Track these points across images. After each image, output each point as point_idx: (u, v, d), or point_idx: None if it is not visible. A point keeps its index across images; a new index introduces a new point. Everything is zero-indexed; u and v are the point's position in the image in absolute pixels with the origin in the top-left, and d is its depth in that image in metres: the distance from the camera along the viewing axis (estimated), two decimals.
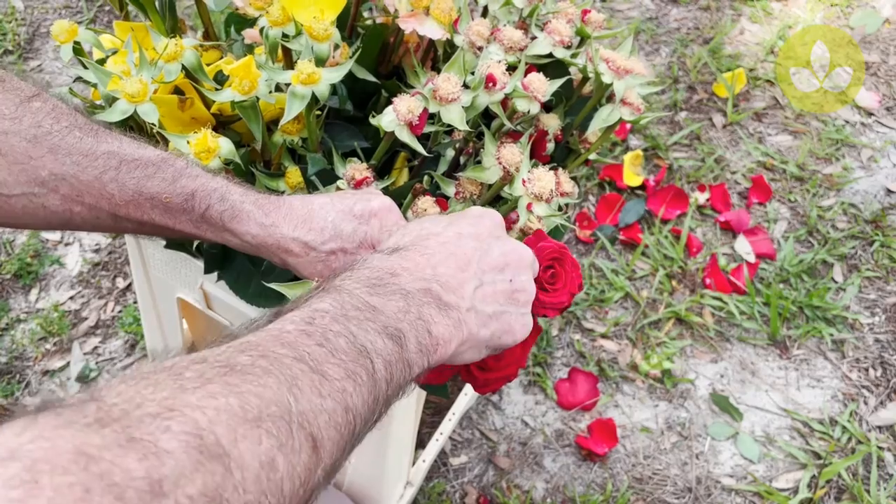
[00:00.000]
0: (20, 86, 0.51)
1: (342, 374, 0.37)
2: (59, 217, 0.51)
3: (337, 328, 0.39)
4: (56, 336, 1.26)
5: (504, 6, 0.69)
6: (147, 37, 0.66)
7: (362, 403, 0.38)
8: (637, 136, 1.60)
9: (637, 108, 0.66)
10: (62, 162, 0.50)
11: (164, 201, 0.51)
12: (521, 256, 0.50)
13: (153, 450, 0.27)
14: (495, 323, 0.48)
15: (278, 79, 0.61)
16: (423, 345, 0.43)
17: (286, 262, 0.54)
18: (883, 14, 1.86)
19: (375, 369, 0.39)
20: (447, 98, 0.58)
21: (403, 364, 0.41)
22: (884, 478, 1.20)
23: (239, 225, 0.52)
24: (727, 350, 1.32)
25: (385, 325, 0.41)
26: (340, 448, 0.36)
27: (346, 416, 0.36)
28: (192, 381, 0.32)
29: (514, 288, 0.49)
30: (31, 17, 1.71)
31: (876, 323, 1.37)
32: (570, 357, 1.30)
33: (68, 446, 0.26)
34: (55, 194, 0.50)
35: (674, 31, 1.81)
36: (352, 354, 0.38)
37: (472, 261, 0.47)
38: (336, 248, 0.53)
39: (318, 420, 0.34)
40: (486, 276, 0.48)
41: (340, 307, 0.41)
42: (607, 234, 1.44)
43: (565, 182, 0.64)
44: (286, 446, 0.32)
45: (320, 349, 0.37)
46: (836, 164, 1.58)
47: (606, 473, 1.18)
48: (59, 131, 0.50)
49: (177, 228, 0.53)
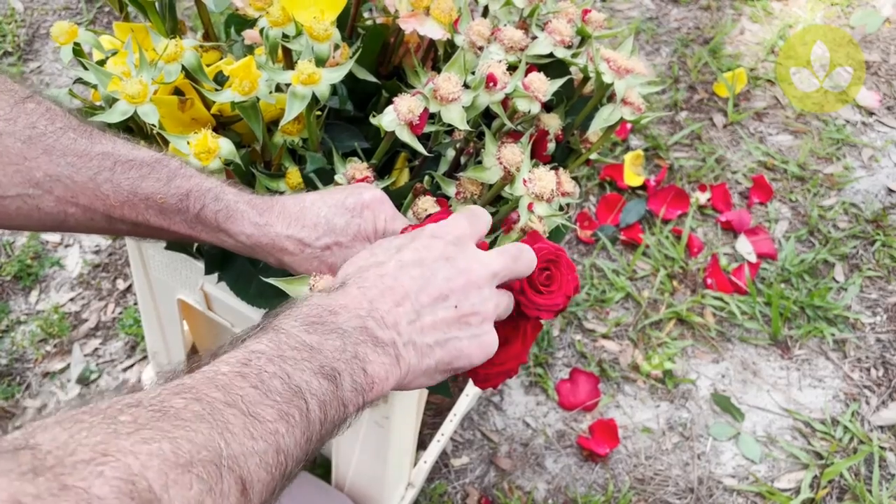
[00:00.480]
0: (14, 87, 0.51)
1: (275, 415, 0.37)
2: (54, 218, 0.51)
3: (272, 369, 0.39)
4: (56, 338, 1.26)
5: (504, 6, 0.69)
6: (147, 38, 0.66)
7: (294, 444, 0.38)
8: (638, 136, 1.60)
9: (638, 108, 0.66)
10: (57, 163, 0.50)
11: (159, 202, 0.51)
12: (468, 280, 0.48)
13: (86, 497, 0.28)
14: (440, 351, 0.47)
15: (278, 79, 0.61)
16: (357, 384, 0.42)
17: (282, 262, 0.54)
18: (883, 13, 1.86)
19: (310, 409, 0.39)
20: (448, 98, 0.58)
21: (339, 403, 0.41)
22: (886, 478, 1.19)
23: (233, 225, 0.52)
24: (728, 350, 1.32)
25: (322, 364, 0.41)
26: (270, 489, 0.37)
27: (278, 457, 0.37)
28: (125, 426, 0.32)
29: (462, 313, 0.47)
30: (30, 19, 1.71)
31: (877, 323, 1.37)
32: (572, 357, 1.30)
33: (3, 496, 0.27)
34: (50, 195, 0.50)
35: (674, 30, 1.81)
36: (286, 395, 0.38)
37: (409, 294, 0.46)
38: (330, 242, 0.53)
39: (248, 463, 0.35)
40: (425, 309, 0.46)
41: (277, 347, 0.41)
42: (608, 235, 1.44)
43: (566, 182, 0.63)
44: (215, 490, 0.33)
45: (254, 391, 0.38)
46: (836, 163, 1.58)
47: (608, 474, 1.18)
48: (53, 132, 0.50)
49: (172, 229, 0.53)
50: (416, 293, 0.46)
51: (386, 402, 0.80)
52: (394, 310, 0.45)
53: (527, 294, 0.52)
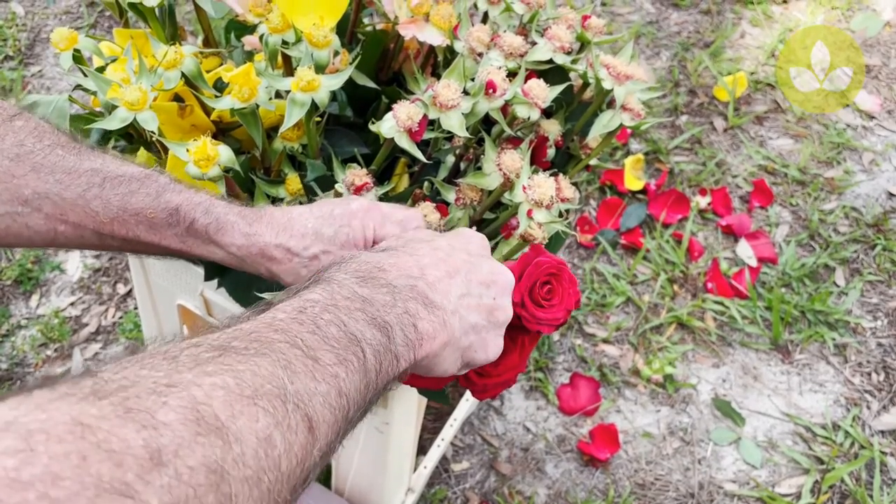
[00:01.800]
0: (2, 105, 0.51)
1: (334, 359, 0.38)
2: (43, 237, 0.51)
3: (328, 317, 0.40)
4: (57, 342, 1.26)
5: (504, 12, 0.69)
6: (147, 44, 0.66)
7: (354, 389, 0.38)
8: (638, 141, 1.60)
9: (637, 114, 0.66)
10: (45, 180, 0.50)
11: (149, 216, 0.51)
12: (506, 279, 0.50)
13: (151, 421, 0.28)
14: (474, 335, 0.48)
15: (278, 86, 0.61)
16: (409, 339, 0.43)
17: (271, 271, 0.54)
18: (884, 17, 1.86)
19: (366, 357, 0.40)
20: (447, 104, 0.58)
21: (391, 355, 0.42)
22: (887, 483, 1.19)
23: (224, 236, 0.52)
24: (729, 355, 1.32)
25: (373, 315, 0.42)
26: (335, 431, 0.37)
27: (340, 399, 0.37)
28: (186, 363, 0.32)
29: (496, 306, 0.49)
30: (31, 23, 1.71)
31: (878, 327, 1.37)
32: (572, 362, 1.30)
33: (65, 417, 0.26)
34: (38, 213, 0.50)
35: (674, 34, 1.81)
36: (343, 342, 0.39)
37: (461, 270, 0.48)
38: (318, 251, 0.53)
39: (313, 401, 0.35)
40: (473, 288, 0.48)
41: (330, 297, 0.41)
42: (608, 239, 1.44)
43: (566, 188, 0.63)
44: (282, 424, 0.33)
45: (312, 336, 0.38)
46: (837, 167, 1.58)
47: (608, 479, 1.18)
48: (41, 150, 0.50)
49: (163, 244, 0.53)
50: (466, 273, 0.48)
51: (386, 408, 0.80)
52: (446, 279, 0.47)
53: (527, 308, 0.52)
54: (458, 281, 0.47)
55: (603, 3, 1.86)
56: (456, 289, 0.47)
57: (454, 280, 0.47)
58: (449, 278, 0.47)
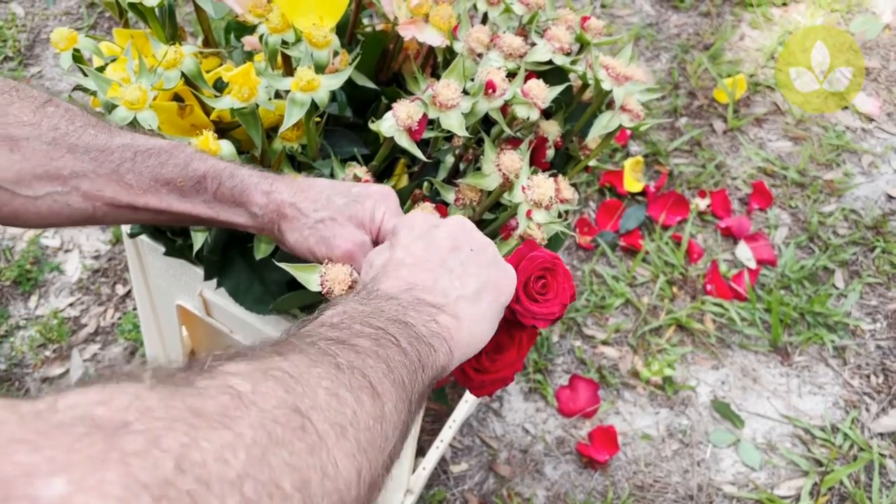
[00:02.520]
0: (33, 93, 0.54)
1: (371, 343, 0.39)
2: (83, 213, 0.54)
3: (348, 321, 0.41)
4: (55, 343, 1.26)
5: (504, 13, 0.69)
6: (147, 44, 0.66)
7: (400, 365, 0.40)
8: (637, 143, 1.60)
9: (637, 115, 0.66)
10: (81, 160, 0.53)
11: (179, 185, 0.54)
12: (461, 226, 0.52)
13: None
14: (485, 293, 0.49)
15: (278, 86, 0.61)
16: (434, 330, 0.45)
17: (281, 229, 0.56)
18: (883, 20, 1.86)
19: (400, 343, 0.41)
20: (447, 104, 0.58)
21: (426, 346, 0.43)
22: (886, 485, 1.19)
23: (248, 197, 0.55)
24: (728, 357, 1.32)
25: (389, 317, 0.43)
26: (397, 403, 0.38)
27: (391, 374, 0.38)
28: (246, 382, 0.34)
29: (476, 252, 0.50)
30: (31, 24, 1.72)
31: (877, 329, 1.37)
32: (571, 364, 1.30)
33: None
34: (77, 192, 0.53)
35: (674, 36, 1.81)
36: (372, 334, 0.40)
37: (429, 259, 0.49)
38: (325, 216, 0.55)
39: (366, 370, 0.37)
40: (449, 262, 0.49)
41: (343, 310, 0.43)
42: (608, 241, 1.44)
43: (565, 189, 0.63)
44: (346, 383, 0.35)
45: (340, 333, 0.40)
46: (836, 169, 1.58)
47: (607, 481, 1.18)
48: (75, 131, 0.53)
49: (194, 213, 0.55)
50: (434, 256, 0.49)
51: None
52: (430, 276, 0.48)
53: (522, 303, 0.52)
54: (437, 270, 0.49)
55: (602, 5, 1.86)
56: (442, 277, 0.48)
57: (435, 272, 0.49)
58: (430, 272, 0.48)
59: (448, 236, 0.50)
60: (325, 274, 0.53)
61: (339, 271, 0.53)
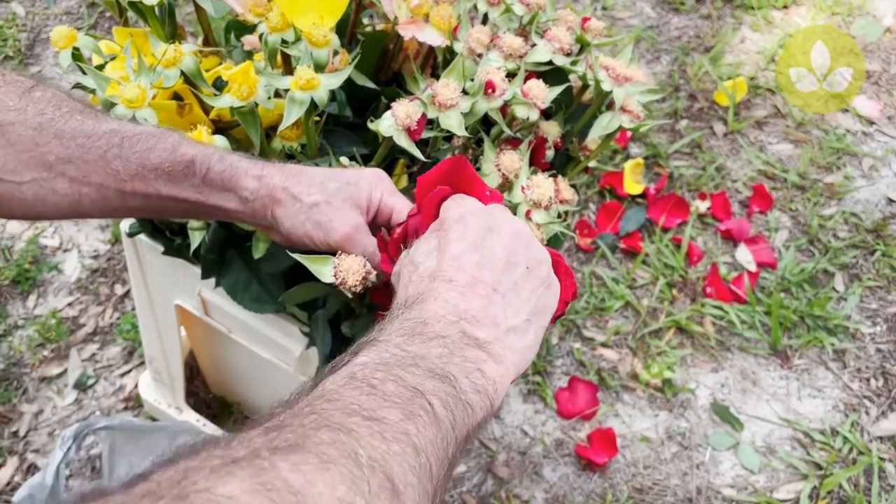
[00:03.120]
0: (19, 79, 0.53)
1: (400, 416, 0.35)
2: (69, 200, 0.53)
3: (381, 375, 0.37)
4: (54, 343, 1.25)
5: (504, 13, 0.69)
6: (146, 43, 0.66)
7: (431, 444, 0.35)
8: (638, 145, 1.60)
9: (637, 116, 0.66)
10: (67, 145, 0.52)
11: (167, 170, 0.53)
12: (518, 235, 0.47)
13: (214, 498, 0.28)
14: (534, 320, 0.46)
15: (277, 84, 0.61)
16: (477, 384, 0.41)
17: (275, 215, 0.55)
18: (884, 23, 1.86)
19: (435, 409, 0.37)
20: (446, 104, 0.58)
21: (463, 406, 0.39)
22: (885, 489, 1.19)
23: (238, 181, 0.54)
24: (728, 359, 1.32)
25: (430, 368, 0.39)
26: (422, 493, 0.34)
27: (419, 457, 0.34)
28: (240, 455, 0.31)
29: (532, 270, 0.47)
30: (31, 23, 1.72)
31: (877, 333, 1.36)
32: (570, 366, 1.29)
33: None
34: (63, 178, 0.52)
35: (674, 39, 1.81)
36: (405, 396, 0.36)
37: (483, 281, 0.45)
38: (320, 200, 0.54)
39: (389, 462, 0.33)
40: (504, 287, 0.45)
41: (379, 356, 0.39)
42: (608, 243, 1.44)
43: (564, 189, 0.63)
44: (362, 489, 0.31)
45: (369, 398, 0.35)
46: (837, 173, 1.58)
47: (606, 483, 1.18)
48: (61, 117, 0.52)
49: (182, 197, 0.54)
50: (489, 276, 0.45)
51: None
52: (482, 304, 0.44)
53: None
54: (491, 296, 0.45)
55: (603, 7, 1.86)
56: (493, 305, 0.44)
57: (488, 299, 0.44)
58: (484, 300, 0.44)
59: (504, 249, 0.46)
60: (339, 265, 0.53)
61: (352, 262, 0.53)
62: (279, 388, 0.95)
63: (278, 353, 0.83)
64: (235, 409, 1.18)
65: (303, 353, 0.79)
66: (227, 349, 1.02)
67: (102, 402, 1.20)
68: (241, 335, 0.86)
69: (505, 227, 0.47)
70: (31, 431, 1.17)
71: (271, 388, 1.01)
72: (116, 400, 1.20)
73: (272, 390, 1.01)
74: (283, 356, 0.83)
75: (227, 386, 1.16)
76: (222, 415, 1.18)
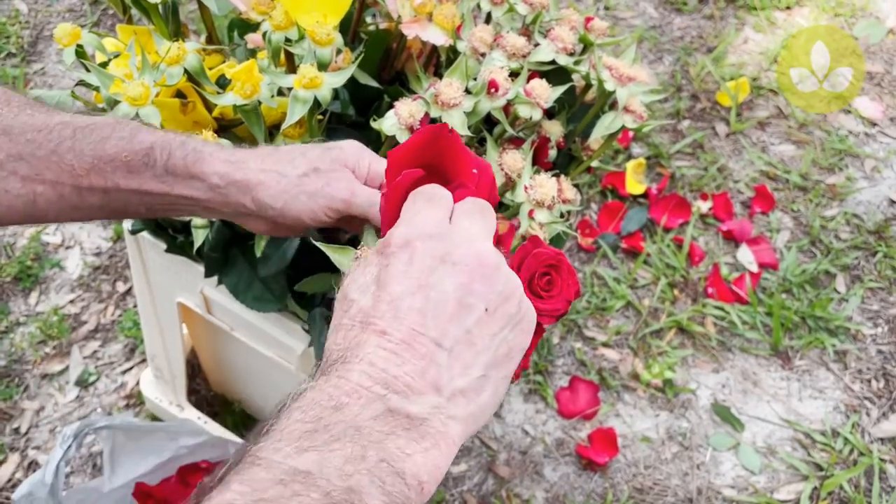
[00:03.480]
0: None
1: None
2: (23, 200, 0.50)
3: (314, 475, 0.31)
4: (55, 340, 1.26)
5: (507, 13, 0.69)
6: (150, 40, 0.66)
7: None
8: (640, 145, 1.60)
9: (640, 116, 0.66)
10: (17, 142, 0.49)
11: (125, 160, 0.50)
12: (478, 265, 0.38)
13: None
14: (493, 371, 0.38)
15: (280, 83, 0.61)
16: (392, 494, 0.32)
17: (256, 199, 0.51)
18: (887, 24, 1.86)
19: None
20: (449, 103, 0.58)
21: None
22: (886, 490, 1.19)
23: (204, 166, 0.51)
24: (729, 360, 1.32)
25: (327, 492, 0.31)
26: None
27: None
28: None
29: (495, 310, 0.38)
30: (34, 21, 1.72)
31: (878, 334, 1.36)
32: (571, 366, 1.30)
33: None
34: (15, 176, 0.49)
35: (677, 39, 1.81)
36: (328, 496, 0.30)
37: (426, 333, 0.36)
38: (308, 169, 0.52)
39: None
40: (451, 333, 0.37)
41: (251, 491, 0.31)
42: (609, 243, 1.44)
43: (567, 189, 0.63)
44: None
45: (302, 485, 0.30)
46: (839, 174, 1.58)
47: (607, 483, 1.18)
48: (10, 112, 0.50)
49: (143, 188, 0.51)
50: (432, 328, 0.36)
51: None
52: (420, 368, 0.35)
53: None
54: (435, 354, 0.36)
55: (606, 8, 1.86)
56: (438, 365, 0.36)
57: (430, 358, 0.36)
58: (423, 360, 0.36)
59: (457, 288, 0.37)
60: (362, 255, 0.52)
61: None
62: (280, 385, 0.95)
63: (280, 351, 0.83)
64: (237, 407, 1.18)
65: (304, 351, 0.79)
66: (228, 347, 1.02)
67: (104, 399, 1.20)
68: (243, 333, 0.86)
69: (462, 256, 0.38)
70: (33, 428, 1.17)
71: (273, 386, 1.01)
72: (118, 397, 1.20)
73: (273, 388, 1.01)
74: (284, 354, 0.83)
75: (229, 384, 1.16)
76: (223, 412, 1.18)
